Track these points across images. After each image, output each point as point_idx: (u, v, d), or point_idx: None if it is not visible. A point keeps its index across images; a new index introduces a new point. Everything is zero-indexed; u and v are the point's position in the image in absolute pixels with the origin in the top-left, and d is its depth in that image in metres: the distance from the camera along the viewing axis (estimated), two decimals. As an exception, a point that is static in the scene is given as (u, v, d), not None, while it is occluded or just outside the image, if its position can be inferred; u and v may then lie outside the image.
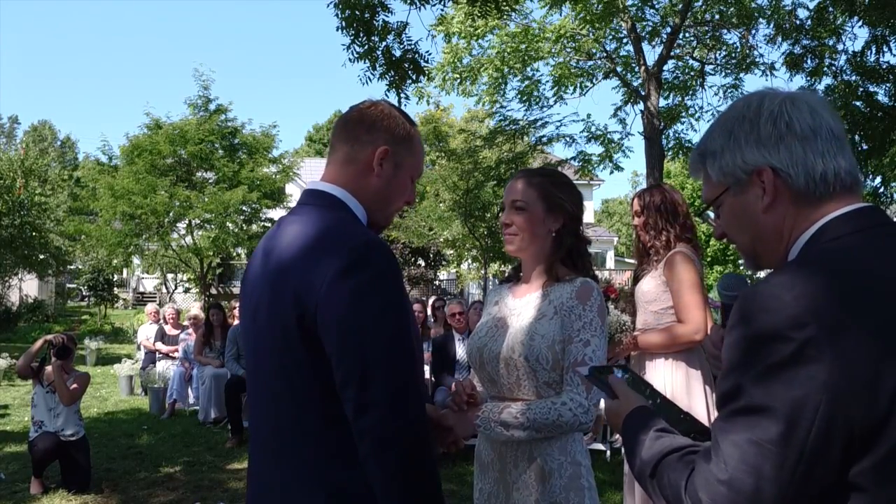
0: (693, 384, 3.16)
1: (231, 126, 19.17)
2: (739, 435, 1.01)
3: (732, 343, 1.07)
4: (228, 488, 5.56)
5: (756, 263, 1.28)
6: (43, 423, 5.41)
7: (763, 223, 1.20)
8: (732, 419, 1.03)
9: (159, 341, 10.00)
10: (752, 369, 1.02)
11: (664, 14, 11.41)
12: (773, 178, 1.17)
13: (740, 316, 1.06)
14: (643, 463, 1.17)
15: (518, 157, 14.19)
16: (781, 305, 1.02)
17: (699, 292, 3.15)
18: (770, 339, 1.01)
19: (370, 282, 1.36)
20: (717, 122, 1.27)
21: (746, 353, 1.03)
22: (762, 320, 1.03)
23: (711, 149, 1.25)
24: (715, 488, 1.01)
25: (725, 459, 1.02)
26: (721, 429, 1.05)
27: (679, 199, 3.34)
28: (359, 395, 1.32)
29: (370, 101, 1.64)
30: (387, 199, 1.61)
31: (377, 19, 6.67)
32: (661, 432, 1.20)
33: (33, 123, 54.26)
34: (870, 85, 10.12)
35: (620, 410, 1.32)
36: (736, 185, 1.22)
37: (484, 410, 1.94)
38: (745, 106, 1.22)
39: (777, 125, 1.17)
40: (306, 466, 1.41)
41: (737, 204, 1.23)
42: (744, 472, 0.99)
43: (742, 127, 1.20)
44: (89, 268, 25.90)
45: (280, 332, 1.41)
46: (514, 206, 2.06)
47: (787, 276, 1.07)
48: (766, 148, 1.18)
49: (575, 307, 1.97)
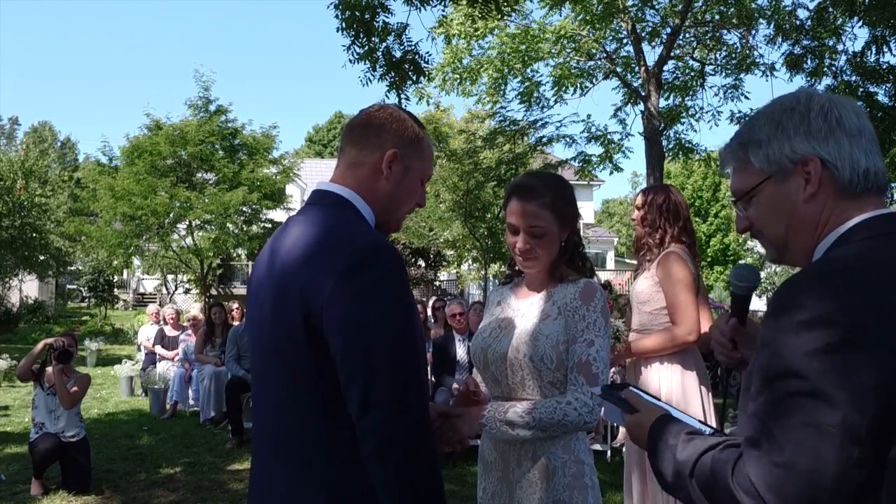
0: (689, 386, 3.14)
1: (231, 127, 19.19)
2: (794, 418, 1.03)
3: (780, 327, 1.08)
4: (229, 489, 5.56)
5: (782, 256, 1.31)
6: (43, 424, 5.41)
7: (802, 213, 1.23)
8: (784, 403, 1.05)
9: (159, 343, 10.00)
10: (803, 353, 1.04)
11: (664, 14, 11.40)
12: (819, 168, 1.21)
13: (787, 300, 1.09)
14: (680, 464, 1.17)
15: (518, 158, 14.19)
16: (833, 291, 1.05)
17: (692, 292, 3.12)
18: (823, 324, 1.03)
19: (376, 282, 1.36)
20: (761, 113, 1.30)
21: (798, 337, 1.05)
22: (814, 305, 1.05)
23: (756, 138, 1.27)
24: (771, 471, 1.02)
25: (781, 443, 1.03)
26: (769, 414, 1.06)
27: (682, 201, 3.33)
28: (363, 395, 1.32)
29: (379, 105, 1.65)
30: (396, 202, 1.61)
31: (377, 20, 6.68)
32: (692, 435, 1.21)
33: (33, 124, 54.26)
34: (870, 85, 10.13)
35: (644, 421, 1.33)
36: (779, 174, 1.24)
37: (489, 410, 1.94)
38: (794, 100, 1.26)
39: (828, 119, 1.21)
40: (309, 466, 1.42)
41: (777, 193, 1.25)
42: (802, 454, 1.01)
43: (792, 118, 1.23)
44: (90, 269, 25.93)
45: (285, 332, 1.41)
46: (532, 233, 2.01)
47: (835, 265, 1.11)
48: (815, 140, 1.21)
49: (579, 308, 1.98)
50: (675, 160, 12.98)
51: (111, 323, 22.52)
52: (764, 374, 1.09)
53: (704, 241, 32.69)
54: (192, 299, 24.19)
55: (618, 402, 1.43)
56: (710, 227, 33.71)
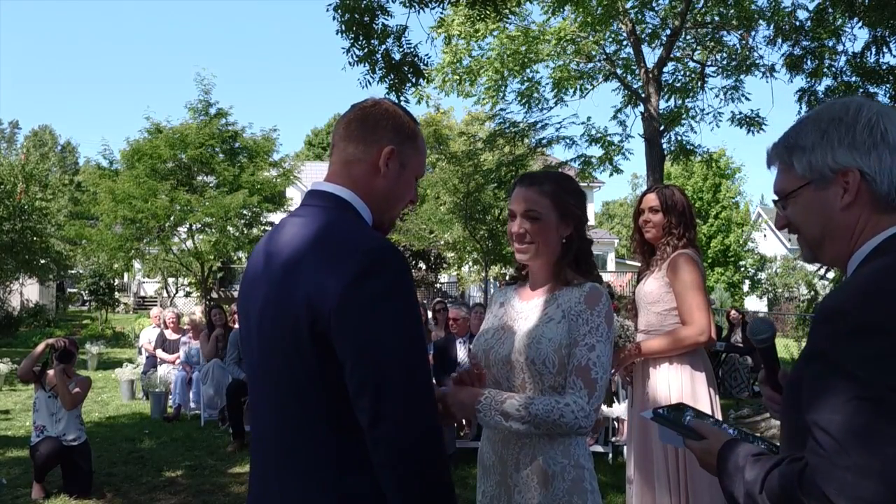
0: (698, 387, 3.15)
1: (231, 130, 19.21)
2: (856, 423, 1.05)
3: (828, 335, 1.12)
4: (230, 492, 5.56)
5: (816, 256, 1.34)
6: (45, 427, 5.41)
7: (838, 220, 1.27)
8: (841, 409, 1.06)
9: (160, 346, 10.01)
10: (858, 360, 1.07)
11: (664, 16, 11.40)
12: (859, 180, 1.25)
13: (836, 309, 1.12)
14: (749, 484, 1.20)
15: (518, 160, 14.19)
16: (882, 300, 1.09)
17: (703, 294, 3.15)
18: (876, 331, 1.07)
19: (386, 288, 1.33)
20: (810, 119, 1.33)
21: (848, 345, 1.08)
22: (862, 313, 1.08)
23: (802, 144, 1.31)
24: (840, 476, 1.04)
25: (847, 448, 1.04)
26: (828, 421, 1.08)
27: (689, 202, 3.35)
28: (374, 403, 1.29)
29: (373, 100, 1.60)
30: (393, 200, 1.57)
31: (376, 23, 6.69)
32: (759, 455, 1.24)
33: (34, 128, 54.24)
34: (869, 86, 10.11)
35: (712, 448, 1.36)
36: (820, 181, 1.28)
37: (486, 396, 1.91)
38: (843, 110, 1.29)
39: (873, 133, 1.25)
40: (311, 473, 1.39)
41: (816, 199, 1.29)
42: (868, 456, 1.03)
43: (838, 129, 1.27)
44: (90, 272, 25.92)
45: (289, 337, 1.37)
46: (528, 216, 2.03)
47: (880, 275, 1.15)
48: (858, 152, 1.25)
49: (583, 312, 1.96)
50: (676, 162, 12.96)
51: (112, 326, 22.50)
52: (811, 383, 1.12)
53: (705, 243, 32.68)
54: (192, 302, 24.17)
55: (679, 429, 1.45)
56: (711, 229, 33.70)
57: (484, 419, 1.91)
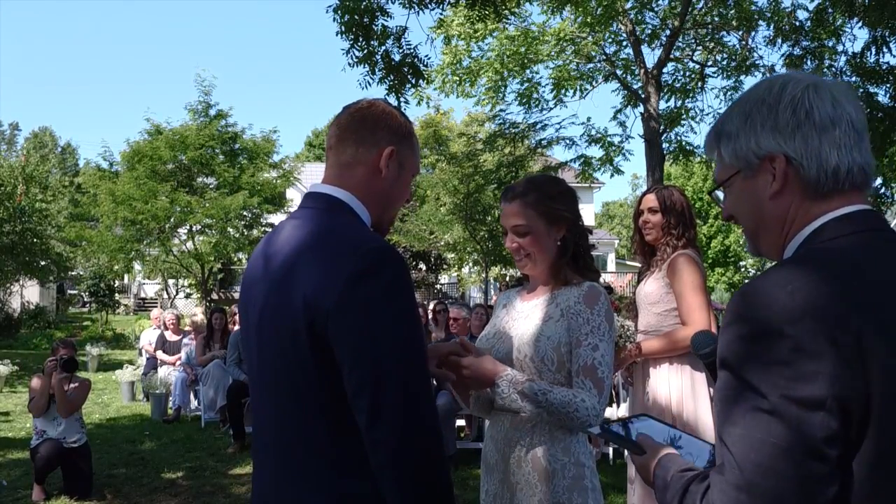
0: (698, 388, 3.15)
1: (231, 131, 19.23)
2: (751, 437, 0.99)
3: (729, 341, 1.05)
4: (231, 493, 5.55)
5: (756, 249, 1.28)
6: (45, 430, 5.41)
7: (768, 210, 1.19)
8: (739, 422, 1.01)
9: (160, 347, 10.01)
10: (753, 368, 1.00)
11: (663, 17, 11.41)
12: (784, 166, 1.15)
13: (737, 314, 1.05)
14: (668, 501, 1.15)
15: (518, 161, 14.20)
16: (776, 301, 1.01)
17: (703, 294, 3.15)
18: (768, 336, 0.99)
19: (385, 289, 1.33)
20: (737, 103, 1.25)
21: (746, 352, 1.01)
22: (758, 317, 1.01)
23: (727, 130, 1.23)
24: (733, 496, 0.99)
25: (739, 464, 0.99)
26: (728, 434, 1.02)
27: (689, 203, 3.35)
28: (373, 404, 1.29)
29: (367, 101, 1.60)
30: (392, 200, 1.58)
31: (376, 24, 6.68)
32: (686, 471, 1.18)
33: (34, 130, 54.34)
34: (870, 86, 10.10)
35: (648, 463, 1.31)
36: (747, 169, 1.20)
37: (509, 373, 1.94)
38: (767, 90, 1.20)
39: (796, 113, 1.15)
40: (311, 474, 1.39)
41: (746, 188, 1.22)
42: (761, 474, 0.97)
43: (760, 111, 1.18)
44: (90, 274, 25.93)
45: (288, 339, 1.37)
46: (517, 232, 2.06)
47: (783, 272, 1.06)
48: (781, 135, 1.15)
49: (582, 311, 1.99)
50: (676, 163, 12.96)
51: (112, 328, 22.52)
52: (717, 393, 1.07)
53: (705, 243, 32.72)
54: (193, 304, 24.17)
55: (623, 444, 1.43)
56: (711, 229, 33.72)
57: (501, 394, 1.92)
